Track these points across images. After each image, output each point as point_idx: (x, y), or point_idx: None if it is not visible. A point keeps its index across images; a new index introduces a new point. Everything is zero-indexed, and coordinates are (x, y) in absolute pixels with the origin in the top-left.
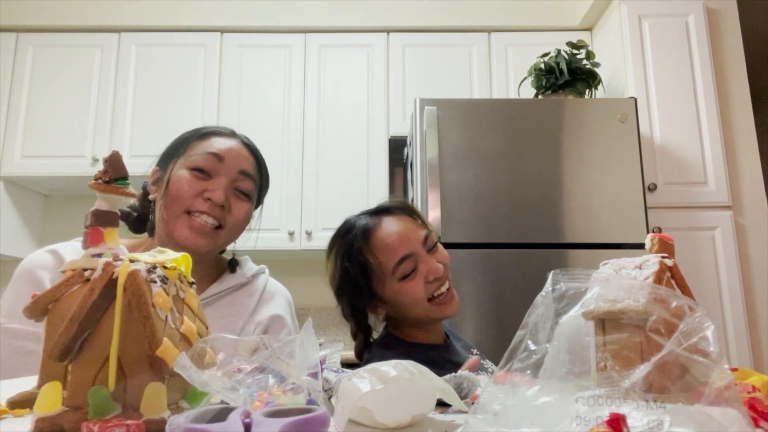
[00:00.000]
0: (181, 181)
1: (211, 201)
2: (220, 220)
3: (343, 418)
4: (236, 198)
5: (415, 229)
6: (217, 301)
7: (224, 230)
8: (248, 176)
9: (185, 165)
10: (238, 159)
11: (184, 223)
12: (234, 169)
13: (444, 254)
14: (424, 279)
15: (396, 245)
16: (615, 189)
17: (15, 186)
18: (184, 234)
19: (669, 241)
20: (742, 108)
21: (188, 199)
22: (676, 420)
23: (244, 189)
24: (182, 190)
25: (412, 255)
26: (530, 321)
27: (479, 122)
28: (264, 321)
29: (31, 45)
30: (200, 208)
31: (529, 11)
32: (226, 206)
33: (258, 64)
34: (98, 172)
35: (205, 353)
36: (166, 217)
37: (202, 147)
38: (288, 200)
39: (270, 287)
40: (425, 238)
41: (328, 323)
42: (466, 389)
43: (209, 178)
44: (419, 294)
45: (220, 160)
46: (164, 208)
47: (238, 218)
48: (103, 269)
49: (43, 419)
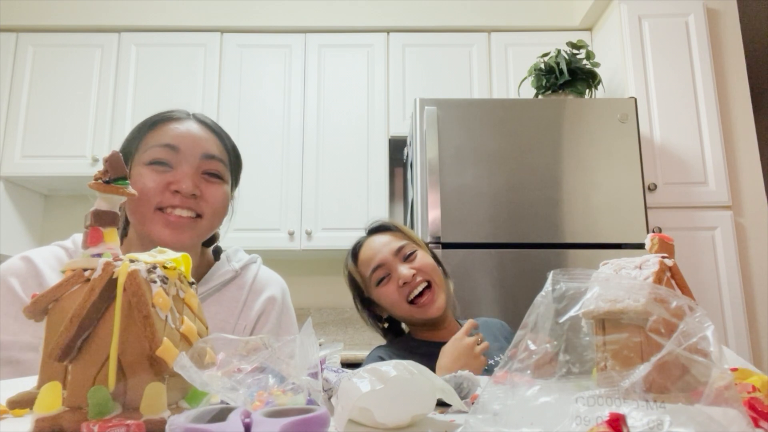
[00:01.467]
0: (143, 179)
1: (180, 193)
2: (196, 209)
3: (343, 418)
4: (207, 182)
5: (391, 242)
6: (205, 299)
7: (204, 219)
8: (213, 157)
9: (142, 162)
10: (197, 143)
11: (159, 221)
12: (195, 155)
13: (423, 262)
14: (396, 284)
15: (370, 258)
16: (615, 189)
17: (15, 186)
18: (163, 232)
19: (669, 241)
20: (742, 108)
21: (155, 196)
22: (676, 420)
23: (213, 170)
24: (146, 188)
25: (383, 264)
26: (530, 321)
27: (479, 122)
28: (253, 315)
29: (31, 45)
30: (171, 202)
31: (529, 11)
32: (197, 194)
33: (258, 64)
34: (98, 172)
35: (205, 353)
36: (138, 219)
37: (155, 138)
38: (288, 200)
39: (261, 277)
40: (398, 249)
41: (328, 323)
42: (466, 389)
43: (171, 169)
44: (394, 296)
45: (177, 150)
46: (133, 211)
47: (215, 203)
48: (103, 269)
49: (43, 419)
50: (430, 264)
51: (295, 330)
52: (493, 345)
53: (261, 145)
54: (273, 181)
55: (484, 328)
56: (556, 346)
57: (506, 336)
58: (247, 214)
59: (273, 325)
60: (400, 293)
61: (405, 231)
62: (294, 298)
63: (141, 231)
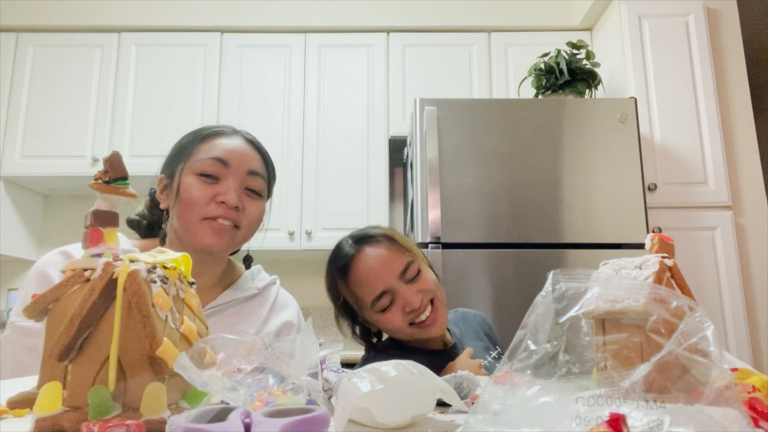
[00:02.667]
0: (192, 188)
1: (225, 204)
2: (236, 221)
3: (343, 418)
4: (248, 197)
5: (394, 260)
6: (227, 309)
7: (241, 230)
8: (257, 174)
9: (192, 171)
10: (244, 159)
11: (206, 229)
12: (242, 171)
13: (427, 281)
14: (402, 310)
15: (372, 281)
16: (615, 189)
17: (15, 186)
18: (209, 239)
19: (669, 241)
20: (742, 108)
21: (203, 206)
22: (676, 420)
23: (255, 188)
24: (195, 197)
25: (389, 290)
26: (530, 321)
27: (479, 122)
28: (272, 330)
29: (31, 45)
30: (216, 212)
31: (529, 11)
32: (240, 207)
33: (258, 64)
34: (98, 172)
35: (205, 353)
36: (183, 225)
37: (206, 151)
38: (288, 200)
39: (281, 298)
40: (405, 269)
41: (328, 323)
42: (466, 389)
43: (218, 182)
44: (398, 324)
45: (226, 165)
46: (179, 216)
47: (252, 217)
48: (103, 269)
49: (43, 419)
50: (433, 280)
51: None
52: (477, 344)
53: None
54: None
55: (464, 323)
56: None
57: (486, 331)
58: None
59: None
60: (405, 319)
61: (402, 242)
62: (294, 298)
63: (185, 236)
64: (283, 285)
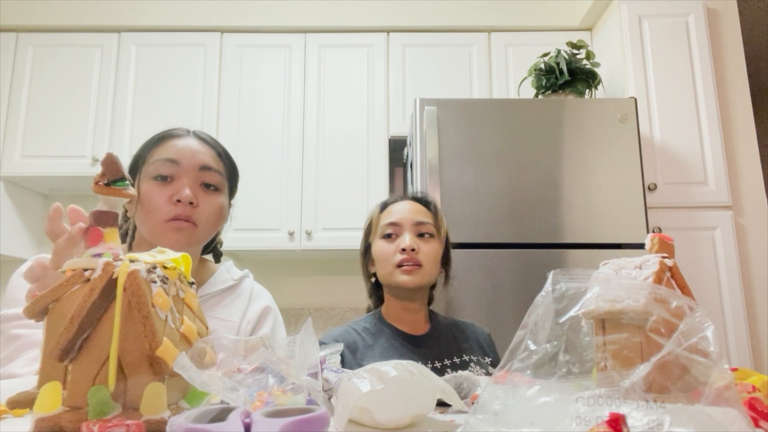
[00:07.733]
0: (150, 193)
1: (180, 201)
2: (192, 218)
3: (343, 418)
4: (204, 193)
5: (421, 214)
6: (208, 301)
7: (198, 228)
8: (210, 169)
9: (148, 176)
10: (195, 156)
11: (167, 229)
12: (194, 167)
13: (430, 249)
14: (396, 246)
15: (396, 212)
16: (615, 189)
17: (15, 186)
18: (172, 238)
19: (669, 241)
20: (742, 108)
21: (161, 208)
22: (676, 420)
23: (211, 182)
24: (153, 201)
25: (398, 224)
26: (530, 321)
27: (479, 122)
28: (254, 317)
29: (31, 45)
30: (174, 212)
31: (529, 11)
32: (195, 203)
33: (258, 64)
34: (96, 176)
35: (205, 353)
36: (147, 229)
37: (158, 154)
38: (288, 200)
39: (257, 288)
40: (420, 223)
41: (327, 323)
42: (466, 389)
43: (172, 182)
44: (388, 253)
45: (177, 163)
46: (143, 222)
47: (209, 212)
48: (103, 269)
49: (43, 419)
50: (435, 256)
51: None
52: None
53: (261, 145)
54: (273, 181)
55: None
56: (557, 346)
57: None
58: (247, 214)
59: (269, 329)
60: (395, 255)
61: (438, 216)
62: (294, 298)
63: (151, 240)
64: (283, 285)
